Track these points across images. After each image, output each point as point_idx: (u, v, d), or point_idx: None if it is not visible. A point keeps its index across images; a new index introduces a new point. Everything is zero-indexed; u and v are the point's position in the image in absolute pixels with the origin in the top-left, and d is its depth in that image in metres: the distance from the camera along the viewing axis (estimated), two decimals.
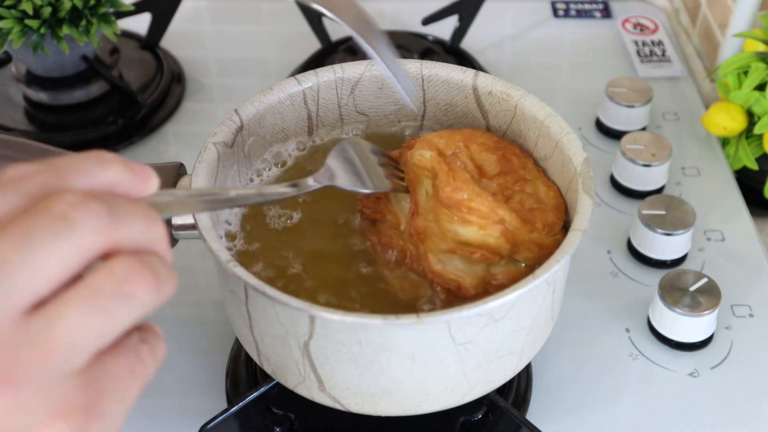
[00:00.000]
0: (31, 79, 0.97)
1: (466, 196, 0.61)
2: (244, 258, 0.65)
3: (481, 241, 0.61)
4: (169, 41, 1.06)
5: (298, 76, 0.72)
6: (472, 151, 0.67)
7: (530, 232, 0.62)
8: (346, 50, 1.04)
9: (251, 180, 0.71)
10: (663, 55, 1.07)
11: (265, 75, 1.05)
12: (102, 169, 0.38)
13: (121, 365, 0.37)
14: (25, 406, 0.34)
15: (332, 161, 0.62)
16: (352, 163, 0.63)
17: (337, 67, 0.72)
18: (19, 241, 0.34)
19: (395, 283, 0.64)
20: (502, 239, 0.61)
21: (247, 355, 0.72)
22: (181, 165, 0.69)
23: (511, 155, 0.67)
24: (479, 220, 0.61)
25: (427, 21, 1.06)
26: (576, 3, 1.15)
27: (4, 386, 0.33)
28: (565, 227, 0.65)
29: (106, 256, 0.36)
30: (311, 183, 0.59)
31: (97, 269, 0.36)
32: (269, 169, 0.71)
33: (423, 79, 0.73)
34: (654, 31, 1.11)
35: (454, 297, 0.62)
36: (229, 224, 0.67)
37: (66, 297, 0.35)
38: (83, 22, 0.90)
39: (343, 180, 0.61)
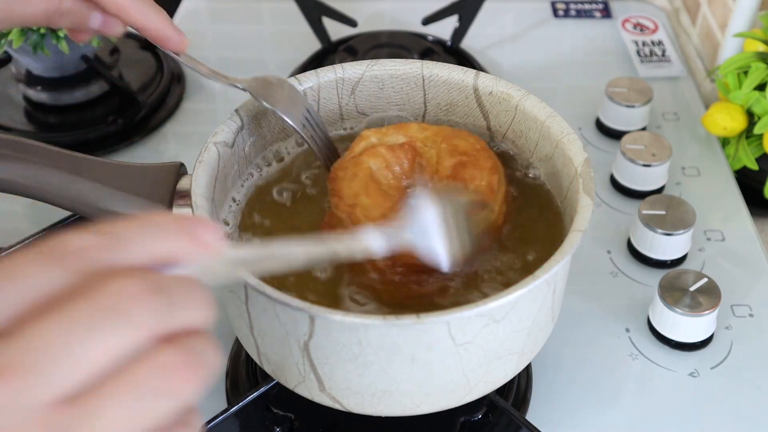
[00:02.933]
0: (31, 79, 0.97)
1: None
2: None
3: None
4: None
5: (298, 75, 0.72)
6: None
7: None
8: (346, 50, 1.04)
9: (251, 175, 0.70)
10: (663, 55, 1.07)
11: None
12: (159, 241, 0.37)
13: None
14: None
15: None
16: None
17: (337, 67, 0.72)
18: (68, 330, 0.33)
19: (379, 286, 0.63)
20: None
21: (247, 355, 0.72)
22: (182, 165, 0.69)
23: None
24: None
25: (427, 21, 1.06)
26: (576, 3, 1.15)
27: None
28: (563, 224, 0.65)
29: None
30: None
31: (141, 359, 0.34)
32: (269, 165, 0.71)
33: (423, 79, 0.73)
34: (654, 31, 1.11)
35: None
36: (227, 224, 0.67)
37: (107, 389, 0.33)
38: None
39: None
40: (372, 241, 0.47)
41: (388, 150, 0.66)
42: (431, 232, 0.51)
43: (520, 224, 0.67)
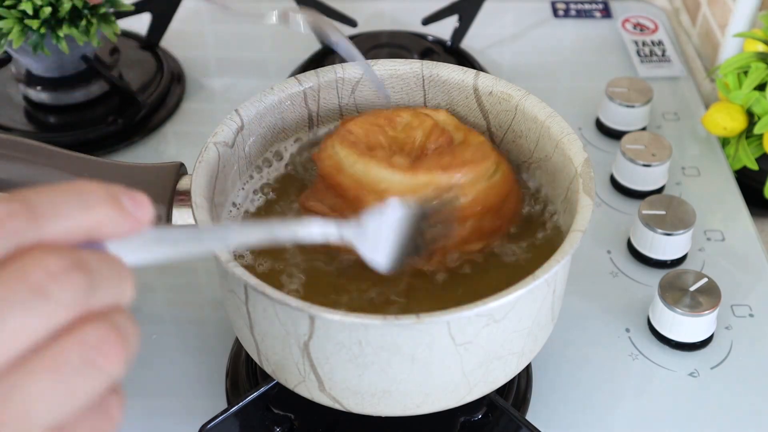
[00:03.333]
0: (31, 79, 0.97)
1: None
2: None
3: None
4: (169, 41, 1.06)
5: (298, 75, 0.72)
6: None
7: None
8: None
9: (251, 177, 0.70)
10: (663, 55, 1.07)
11: (265, 75, 1.05)
12: (84, 211, 0.35)
13: (90, 428, 0.34)
14: None
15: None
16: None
17: (338, 66, 0.72)
18: None
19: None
20: None
21: (247, 355, 0.72)
22: (182, 165, 0.69)
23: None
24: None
25: (427, 21, 1.06)
26: (576, 3, 1.15)
27: None
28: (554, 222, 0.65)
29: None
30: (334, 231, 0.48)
31: (62, 336, 0.33)
32: (270, 165, 0.71)
33: (423, 79, 0.73)
34: (654, 31, 1.11)
35: None
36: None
37: (28, 367, 0.32)
38: (83, 22, 0.90)
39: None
40: (314, 230, 0.47)
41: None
42: (375, 240, 0.51)
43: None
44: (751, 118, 0.90)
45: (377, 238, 0.51)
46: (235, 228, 0.43)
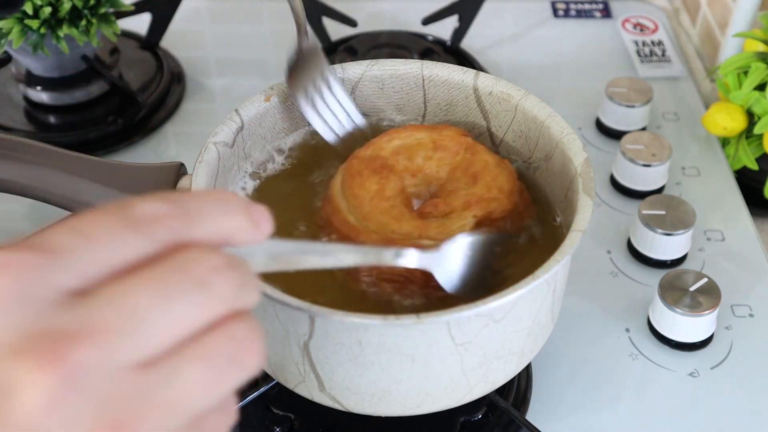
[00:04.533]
0: (31, 79, 0.97)
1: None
2: None
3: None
4: (169, 41, 1.06)
5: None
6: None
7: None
8: (346, 50, 1.04)
9: (251, 177, 0.70)
10: (663, 55, 1.07)
11: (265, 75, 1.05)
12: (226, 218, 0.37)
13: (214, 422, 0.36)
14: None
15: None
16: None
17: (337, 67, 0.72)
18: (159, 296, 0.33)
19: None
20: None
21: None
22: (182, 165, 0.69)
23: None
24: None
25: (427, 21, 1.06)
26: (576, 3, 1.15)
27: None
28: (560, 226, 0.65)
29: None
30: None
31: (215, 329, 0.35)
32: (272, 162, 0.71)
33: (423, 79, 0.73)
34: (654, 31, 1.11)
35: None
36: None
37: (185, 354, 0.34)
38: (83, 22, 0.90)
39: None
40: (406, 260, 0.53)
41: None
42: (452, 270, 0.58)
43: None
44: (751, 118, 0.90)
45: (452, 266, 0.58)
46: (338, 248, 0.47)
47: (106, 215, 0.34)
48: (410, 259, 0.53)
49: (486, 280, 0.61)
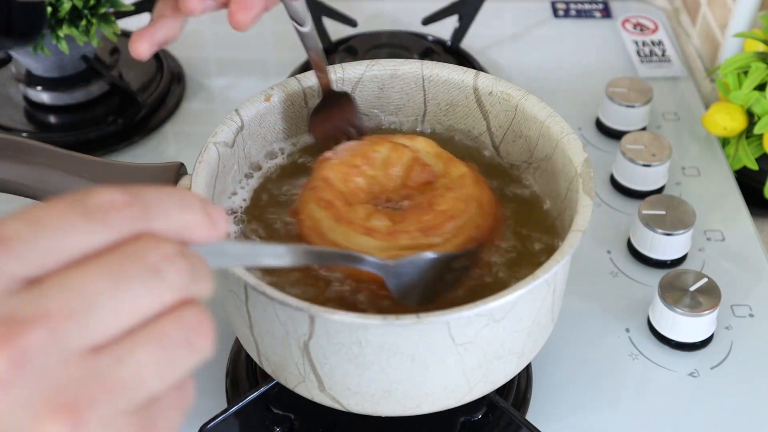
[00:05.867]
0: (31, 79, 0.97)
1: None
2: None
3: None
4: None
5: (298, 75, 0.72)
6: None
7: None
8: (346, 50, 1.04)
9: (251, 177, 0.70)
10: (663, 55, 1.07)
11: (265, 75, 1.05)
12: (182, 212, 0.38)
13: (169, 404, 0.37)
14: None
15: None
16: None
17: (337, 67, 0.72)
18: (110, 282, 0.34)
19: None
20: None
21: (247, 355, 0.72)
22: (182, 165, 0.69)
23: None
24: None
25: (427, 21, 1.06)
26: (576, 3, 1.15)
27: (67, 419, 0.33)
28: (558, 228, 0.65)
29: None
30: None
31: (165, 315, 0.36)
32: (273, 162, 0.71)
33: (423, 79, 0.73)
34: (654, 31, 1.11)
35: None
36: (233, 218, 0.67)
37: (136, 338, 0.35)
38: (83, 22, 0.90)
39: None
40: (361, 263, 0.55)
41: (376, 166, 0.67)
42: (402, 280, 0.59)
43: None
44: (751, 118, 0.90)
45: (404, 279, 0.59)
46: (290, 248, 0.47)
47: (63, 204, 0.35)
48: (364, 262, 0.55)
49: (438, 292, 0.61)
